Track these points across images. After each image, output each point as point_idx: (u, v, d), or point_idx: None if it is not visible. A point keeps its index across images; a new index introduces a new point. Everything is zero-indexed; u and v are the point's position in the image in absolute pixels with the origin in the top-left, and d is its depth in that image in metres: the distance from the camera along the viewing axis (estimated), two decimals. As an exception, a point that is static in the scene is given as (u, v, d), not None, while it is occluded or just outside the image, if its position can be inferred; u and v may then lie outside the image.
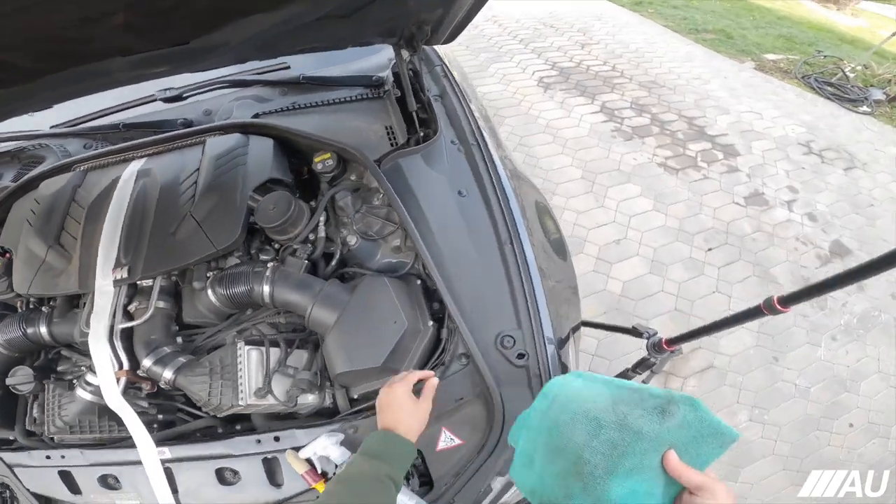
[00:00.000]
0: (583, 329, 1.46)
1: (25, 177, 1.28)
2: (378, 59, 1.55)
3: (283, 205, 1.06)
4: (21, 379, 1.08)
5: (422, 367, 0.97)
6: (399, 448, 0.72)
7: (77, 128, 1.44)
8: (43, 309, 1.11)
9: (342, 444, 0.91)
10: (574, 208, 2.83)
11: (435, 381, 0.83)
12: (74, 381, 1.04)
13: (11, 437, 1.12)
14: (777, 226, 2.89)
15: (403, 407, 0.76)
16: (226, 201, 1.08)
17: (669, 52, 4.65)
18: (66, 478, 1.01)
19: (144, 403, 1.02)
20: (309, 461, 0.91)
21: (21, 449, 1.08)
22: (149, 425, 1.02)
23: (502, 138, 3.15)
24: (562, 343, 1.01)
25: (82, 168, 1.27)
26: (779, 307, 0.84)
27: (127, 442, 0.99)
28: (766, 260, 2.68)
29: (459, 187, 1.15)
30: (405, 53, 1.31)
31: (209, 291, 1.03)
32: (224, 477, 0.97)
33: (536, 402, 0.63)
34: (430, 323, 0.98)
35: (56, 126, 1.45)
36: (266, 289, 1.01)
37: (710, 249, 2.68)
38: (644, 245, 2.67)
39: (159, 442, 0.97)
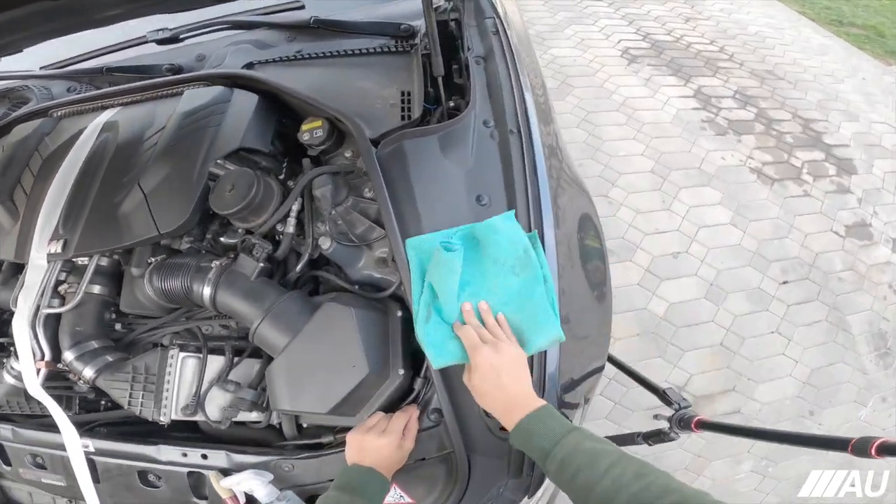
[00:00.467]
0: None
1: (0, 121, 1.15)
2: (417, 2, 1.25)
3: (242, 187, 0.82)
4: None
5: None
6: (378, 485, 0.70)
7: (63, 70, 1.29)
8: None
9: (273, 482, 0.81)
10: (633, 206, 2.42)
11: (416, 414, 0.76)
12: (4, 360, 0.93)
13: None
14: (873, 267, 2.42)
15: (387, 446, 0.71)
16: (181, 172, 0.88)
17: (799, 41, 3.87)
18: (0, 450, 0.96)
19: (85, 388, 0.92)
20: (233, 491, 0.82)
21: None
22: (95, 403, 0.97)
23: (565, 111, 2.78)
24: (569, 387, 0.83)
25: (57, 114, 1.12)
26: (873, 453, 0.66)
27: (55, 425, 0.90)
28: (846, 305, 2.28)
29: (480, 191, 0.85)
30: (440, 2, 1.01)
31: (145, 281, 0.86)
32: (147, 479, 0.89)
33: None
34: (401, 371, 0.76)
35: (45, 67, 1.31)
36: (207, 290, 0.82)
37: (785, 282, 2.29)
38: (707, 264, 2.28)
39: (88, 430, 0.92)
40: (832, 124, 3.04)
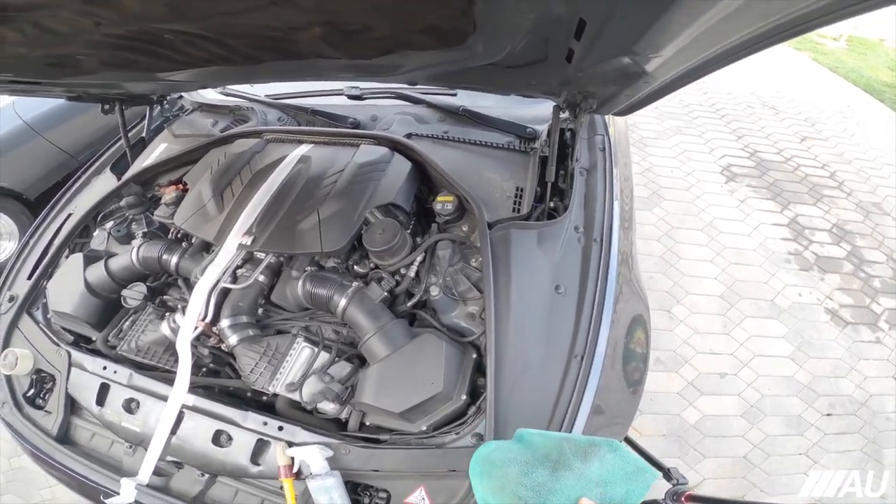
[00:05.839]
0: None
1: (228, 132, 1.56)
2: (544, 108, 1.50)
3: (389, 234, 1.12)
4: (134, 294, 1.24)
5: (437, 429, 0.99)
6: None
7: (279, 102, 1.70)
8: (183, 244, 1.32)
9: (329, 459, 0.98)
10: (693, 325, 2.47)
11: None
12: (167, 314, 1.20)
13: (94, 339, 1.27)
14: (929, 414, 2.27)
15: None
16: (348, 210, 1.18)
17: (921, 170, 3.63)
18: (103, 389, 1.15)
19: (206, 351, 1.16)
20: (293, 459, 0.99)
21: (93, 352, 1.22)
22: (198, 368, 1.16)
23: (650, 222, 2.91)
24: None
25: (267, 138, 1.50)
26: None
27: (167, 377, 1.12)
28: (886, 440, 2.19)
29: (559, 282, 1.08)
30: (564, 115, 1.26)
31: (299, 283, 1.13)
32: (219, 439, 1.06)
33: (478, 449, 0.74)
34: (464, 397, 0.99)
35: (269, 96, 1.73)
36: (343, 302, 1.08)
37: (828, 415, 2.25)
38: (752, 388, 2.28)
39: (192, 387, 1.08)
40: (929, 272, 2.85)
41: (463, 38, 0.71)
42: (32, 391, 1.24)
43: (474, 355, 1.04)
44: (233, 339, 1.10)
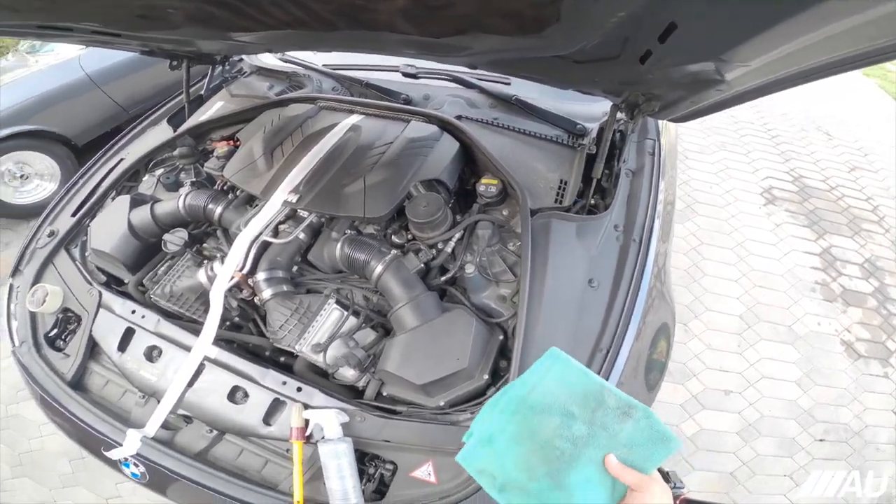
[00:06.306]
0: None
1: (283, 96, 1.60)
2: (596, 107, 1.50)
3: (433, 207, 1.14)
4: (175, 239, 1.24)
5: (454, 405, 1.00)
6: None
7: (335, 72, 1.72)
8: (229, 196, 1.36)
9: (343, 425, 0.99)
10: (707, 341, 2.48)
11: None
12: (205, 261, 1.22)
13: (126, 280, 1.28)
14: (921, 449, 2.28)
15: None
16: (393, 180, 1.21)
17: (968, 216, 3.51)
18: (127, 334, 1.14)
19: (234, 304, 1.17)
20: (307, 422, 0.99)
21: (123, 295, 1.22)
22: (223, 321, 1.15)
23: (680, 235, 2.88)
24: None
25: (320, 105, 1.53)
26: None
27: (193, 327, 1.14)
28: (870, 467, 2.21)
29: (594, 276, 1.10)
30: (621, 115, 1.25)
31: (338, 245, 1.16)
32: (234, 395, 1.06)
33: (516, 387, 0.70)
34: (486, 377, 1.00)
35: (326, 66, 1.75)
36: (379, 268, 1.10)
37: (820, 440, 2.26)
38: (753, 408, 2.30)
39: (216, 340, 1.08)
40: (953, 318, 2.77)
41: (542, 28, 0.71)
42: (55, 332, 1.23)
43: (501, 337, 1.07)
44: (267, 293, 1.11)
